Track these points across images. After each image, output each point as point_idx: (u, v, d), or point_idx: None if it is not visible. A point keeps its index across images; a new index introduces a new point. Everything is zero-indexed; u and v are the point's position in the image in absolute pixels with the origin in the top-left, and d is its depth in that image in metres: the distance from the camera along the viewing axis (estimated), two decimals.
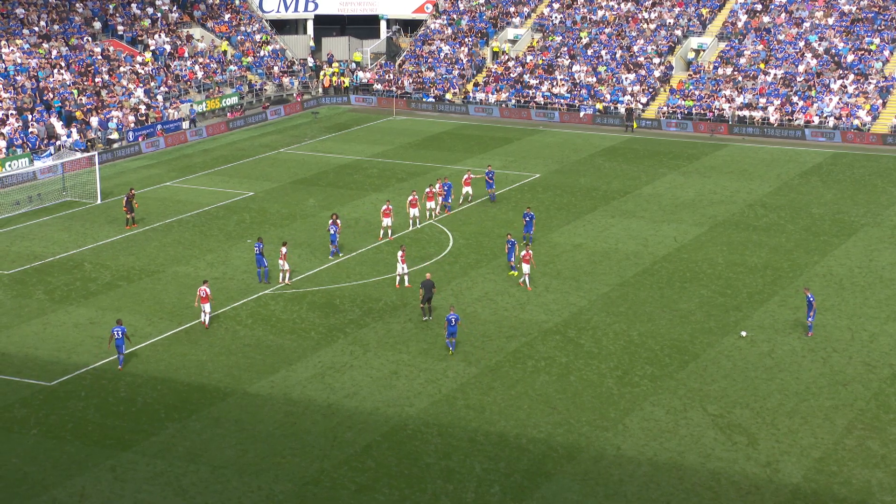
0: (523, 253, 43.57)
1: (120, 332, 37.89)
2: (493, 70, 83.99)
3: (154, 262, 47.20)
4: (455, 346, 37.68)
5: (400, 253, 43.62)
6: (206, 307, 39.75)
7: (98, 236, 50.50)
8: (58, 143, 64.66)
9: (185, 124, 73.27)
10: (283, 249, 43.99)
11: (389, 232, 49.44)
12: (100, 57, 76.44)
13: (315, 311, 41.68)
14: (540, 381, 35.83)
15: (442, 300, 42.41)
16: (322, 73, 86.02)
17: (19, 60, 72.07)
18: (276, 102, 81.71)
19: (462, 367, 36.80)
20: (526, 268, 43.33)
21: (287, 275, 43.93)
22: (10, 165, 60.87)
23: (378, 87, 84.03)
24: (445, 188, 52.98)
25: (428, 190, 52.72)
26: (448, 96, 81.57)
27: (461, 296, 43.21)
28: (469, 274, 45.76)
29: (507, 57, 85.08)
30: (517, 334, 39.49)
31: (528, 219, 49.13)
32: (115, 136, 67.65)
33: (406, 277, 43.63)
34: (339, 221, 48.02)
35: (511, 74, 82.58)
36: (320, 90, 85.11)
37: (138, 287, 44.12)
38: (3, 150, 61.72)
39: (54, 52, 75.06)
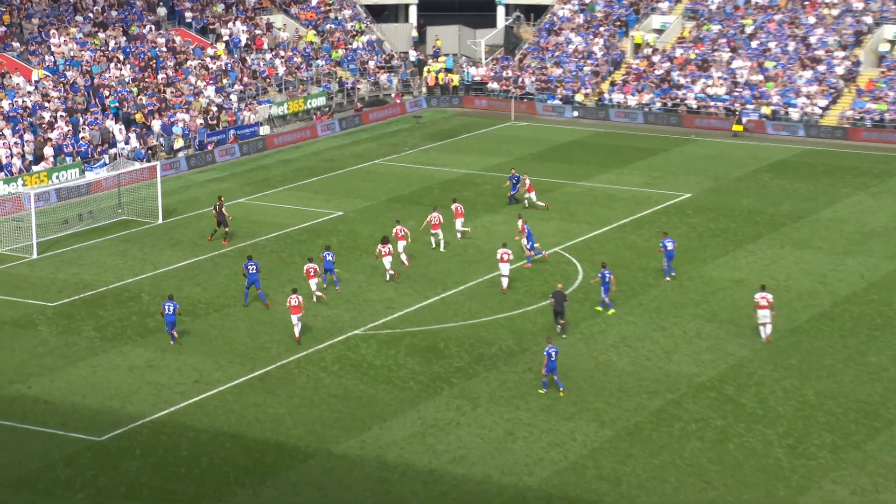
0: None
1: (171, 308, 42.31)
2: (634, 66, 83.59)
3: (223, 293, 47.99)
4: (561, 384, 38.23)
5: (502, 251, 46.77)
6: (295, 318, 42.14)
7: (158, 262, 51.62)
8: (113, 150, 66.42)
9: (263, 129, 74.61)
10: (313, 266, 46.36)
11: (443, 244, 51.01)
12: (164, 49, 78.40)
13: (415, 356, 41.81)
14: (690, 448, 35.29)
15: (569, 345, 42.19)
16: (426, 68, 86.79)
17: (71, 53, 74.30)
18: (370, 104, 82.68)
19: (593, 429, 36.46)
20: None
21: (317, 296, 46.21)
22: (57, 177, 62.67)
23: (494, 86, 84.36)
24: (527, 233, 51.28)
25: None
26: (578, 98, 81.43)
27: (592, 340, 42.93)
28: (603, 314, 45.46)
29: (651, 50, 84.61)
30: (662, 389, 39.03)
31: (667, 246, 48.69)
32: (180, 142, 69.24)
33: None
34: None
35: (656, 71, 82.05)
36: (424, 89, 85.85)
37: (205, 324, 44.86)
38: (51, 159, 63.62)
39: (111, 43, 77.23)
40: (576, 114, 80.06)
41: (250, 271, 46.14)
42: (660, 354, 41.82)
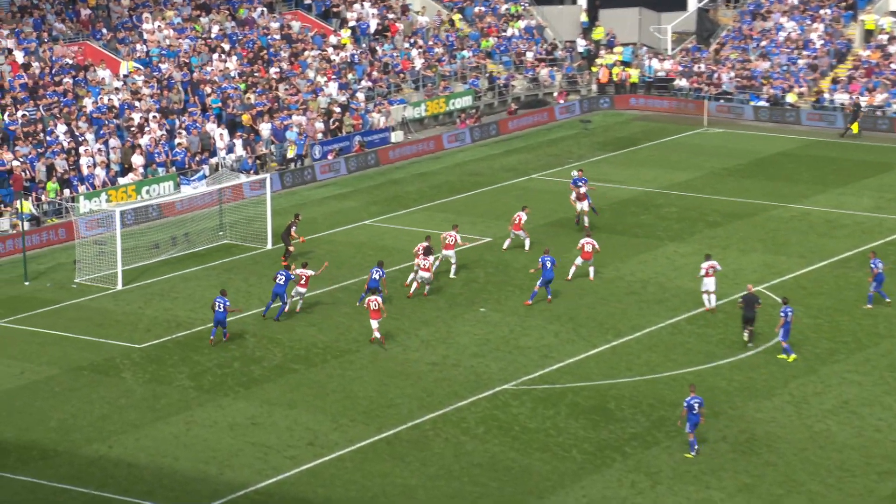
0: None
1: (222, 304, 45.21)
2: (863, 58, 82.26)
3: (344, 336, 48.37)
4: (696, 445, 38.51)
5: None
6: (375, 324, 45.02)
7: (266, 296, 52.07)
8: (215, 160, 67.58)
9: (396, 135, 75.21)
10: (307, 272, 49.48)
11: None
12: (277, 37, 79.71)
13: (579, 418, 41.55)
14: None
15: (777, 410, 41.55)
16: (598, 61, 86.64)
17: (166, 41, 75.98)
18: (527, 105, 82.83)
19: None
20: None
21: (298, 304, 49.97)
22: (147, 192, 63.99)
23: (682, 83, 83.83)
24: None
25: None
26: (790, 98, 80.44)
27: (805, 404, 42.22)
28: (818, 371, 44.74)
29: (887, 38, 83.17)
30: None
31: (878, 267, 49.50)
32: (294, 150, 70.14)
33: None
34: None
35: (893, 65, 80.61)
36: (594, 87, 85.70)
37: (321, 373, 45.25)
38: (140, 170, 65.00)
39: (215, 30, 78.80)
40: (786, 118, 79.04)
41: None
42: (893, 424, 40.90)
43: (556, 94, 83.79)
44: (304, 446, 39.83)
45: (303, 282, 49.90)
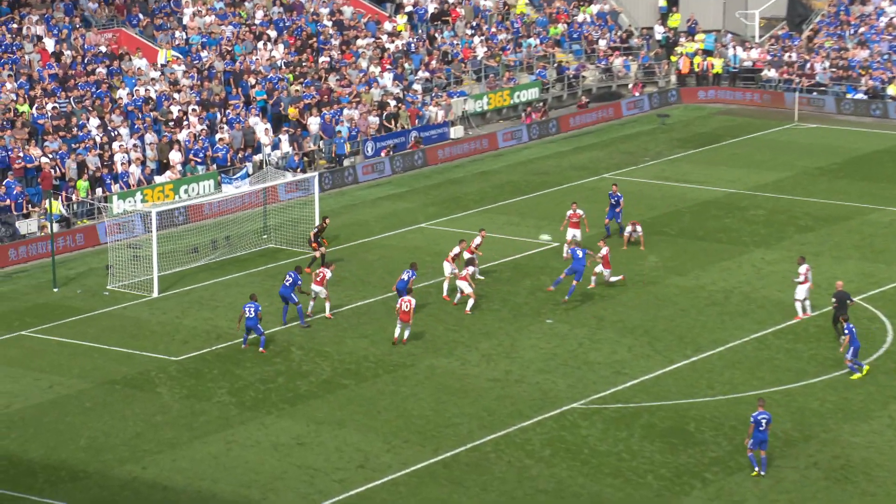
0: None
1: (253, 310, 47.15)
2: None
3: (398, 349, 48.42)
4: (766, 464, 38.28)
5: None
6: (404, 326, 48.06)
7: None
8: (259, 157, 67.94)
9: (456, 131, 75.35)
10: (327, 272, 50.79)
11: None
12: (328, 23, 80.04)
13: (654, 440, 41.50)
14: None
15: (873, 433, 41.27)
16: (678, 50, 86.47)
17: (208, 28, 76.46)
18: (599, 98, 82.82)
19: None
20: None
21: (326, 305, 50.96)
22: (185, 191, 64.43)
23: (771, 73, 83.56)
24: None
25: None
26: (891, 90, 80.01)
27: None
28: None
29: None
30: None
31: None
32: (346, 147, 70.40)
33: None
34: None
35: None
36: (673, 78, 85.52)
37: (372, 389, 45.41)
38: (178, 168, 65.46)
39: (259, 15, 79.21)
40: (887, 113, 78.69)
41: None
42: None
43: (631, 86, 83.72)
44: (353, 469, 40.00)
45: (318, 279, 50.61)
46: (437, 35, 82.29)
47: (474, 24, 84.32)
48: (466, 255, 53.16)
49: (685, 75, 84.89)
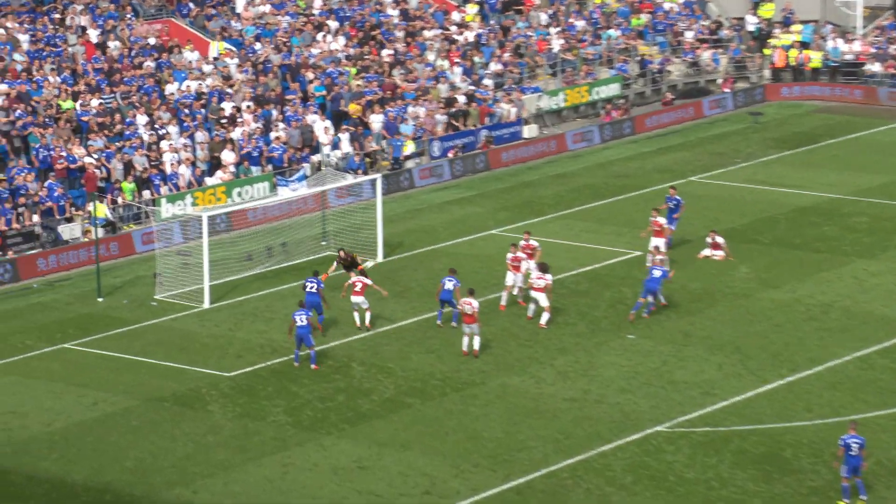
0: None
1: (304, 318, 46.74)
2: None
3: (467, 365, 48.43)
4: (864, 490, 38.14)
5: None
6: (468, 329, 47.73)
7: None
8: (317, 157, 68.14)
9: (529, 129, 75.35)
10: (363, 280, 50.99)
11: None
12: (392, 13, 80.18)
13: (747, 467, 41.33)
14: None
15: None
16: (772, 42, 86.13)
17: (262, 19, 76.75)
18: (685, 94, 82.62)
19: None
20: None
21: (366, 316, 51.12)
22: (239, 194, 64.69)
23: (875, 67, 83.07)
24: None
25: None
26: None
27: None
28: None
29: None
30: None
31: None
32: (410, 147, 70.50)
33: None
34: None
35: None
36: (767, 73, 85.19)
37: (440, 409, 45.41)
38: (231, 169, 65.75)
39: (318, 5, 79.42)
40: None
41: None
42: None
43: (720, 82, 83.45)
44: (419, 495, 40.04)
45: (357, 289, 50.96)
46: (509, 27, 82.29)
47: (550, 13, 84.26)
48: (533, 263, 52.93)
49: (780, 70, 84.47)
